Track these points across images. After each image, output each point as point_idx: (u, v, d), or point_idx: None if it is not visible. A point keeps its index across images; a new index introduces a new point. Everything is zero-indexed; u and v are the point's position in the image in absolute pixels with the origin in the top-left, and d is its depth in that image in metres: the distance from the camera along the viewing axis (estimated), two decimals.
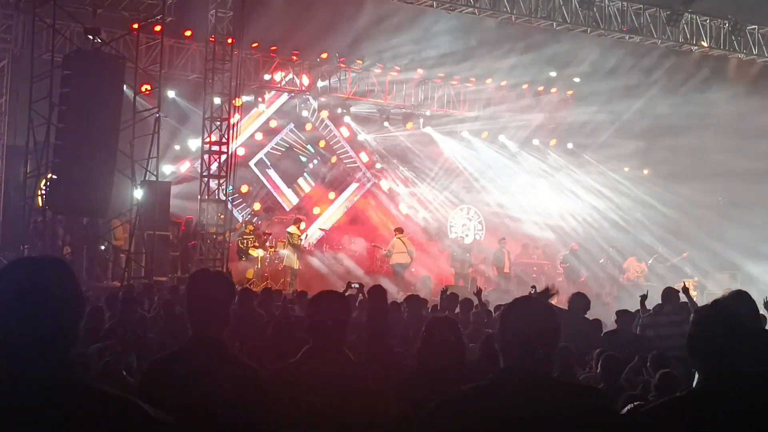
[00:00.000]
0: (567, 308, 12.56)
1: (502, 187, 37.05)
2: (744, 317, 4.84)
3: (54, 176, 22.05)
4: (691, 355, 4.59)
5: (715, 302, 5.28)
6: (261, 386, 4.99)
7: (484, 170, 37.10)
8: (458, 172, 37.01)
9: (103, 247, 24.50)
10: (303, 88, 32.72)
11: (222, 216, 25.87)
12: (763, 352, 5.68)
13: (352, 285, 15.96)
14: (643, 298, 14.41)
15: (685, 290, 14.05)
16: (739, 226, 32.92)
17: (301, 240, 27.86)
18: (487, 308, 15.57)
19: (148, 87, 25.40)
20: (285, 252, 27.21)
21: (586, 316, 12.66)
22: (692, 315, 4.83)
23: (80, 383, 3.38)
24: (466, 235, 35.66)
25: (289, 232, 27.49)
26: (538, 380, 4.18)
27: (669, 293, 13.55)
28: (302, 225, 28.87)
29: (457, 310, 15.51)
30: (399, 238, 29.24)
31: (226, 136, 25.76)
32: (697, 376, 4.56)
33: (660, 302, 13.49)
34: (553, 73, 34.22)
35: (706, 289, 30.56)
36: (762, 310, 11.14)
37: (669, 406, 4.59)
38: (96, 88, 22.08)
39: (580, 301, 12.72)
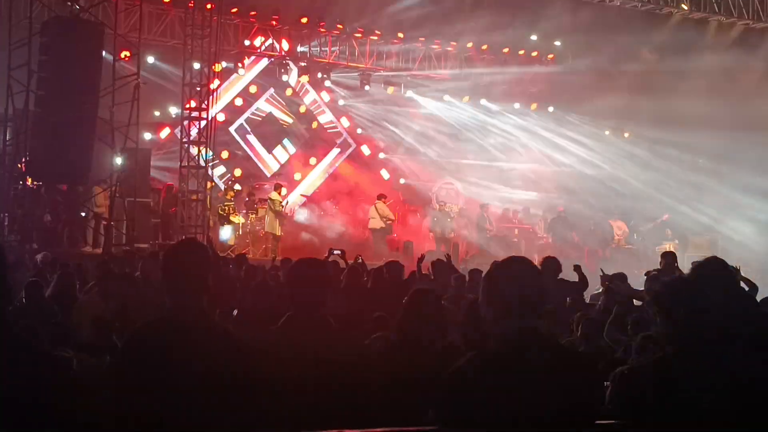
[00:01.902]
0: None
1: (484, 151, 37.00)
2: (717, 286, 4.96)
3: (33, 144, 21.94)
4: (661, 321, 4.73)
5: (679, 278, 5.42)
6: (243, 352, 4.98)
7: (466, 133, 37.05)
8: (440, 135, 36.91)
9: (83, 214, 24.39)
10: (283, 53, 32.57)
11: (212, 183, 25.81)
12: (738, 317, 5.76)
13: (334, 252, 15.98)
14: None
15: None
16: (720, 188, 33.03)
17: (282, 206, 27.80)
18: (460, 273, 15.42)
19: (128, 53, 25.28)
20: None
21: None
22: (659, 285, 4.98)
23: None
24: (446, 203, 35.45)
25: (270, 198, 27.44)
26: (546, 343, 4.37)
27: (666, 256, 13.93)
28: (283, 191, 28.80)
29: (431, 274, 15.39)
30: (376, 204, 29.27)
31: (205, 102, 25.66)
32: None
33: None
34: (533, 37, 34.12)
35: (686, 251, 30.68)
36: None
37: (647, 367, 4.69)
38: (75, 55, 21.95)
39: (552, 264, 13.05)
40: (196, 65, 25.77)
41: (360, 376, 5.44)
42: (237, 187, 30.64)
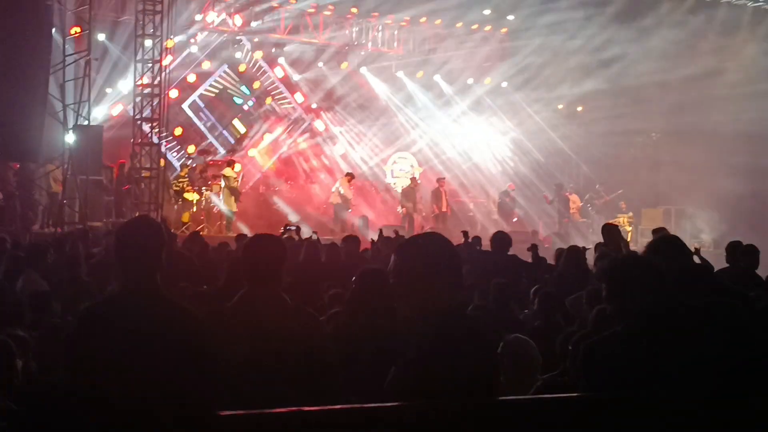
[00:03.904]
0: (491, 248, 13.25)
1: (438, 127, 36.99)
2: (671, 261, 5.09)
3: None
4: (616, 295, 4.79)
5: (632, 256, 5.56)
6: (197, 329, 4.97)
7: (420, 110, 37.03)
8: (394, 112, 36.86)
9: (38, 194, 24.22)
10: (236, 29, 32.30)
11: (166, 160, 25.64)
12: (694, 291, 5.88)
13: (289, 227, 15.96)
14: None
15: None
16: (673, 162, 33.27)
17: (237, 182, 27.68)
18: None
19: (78, 30, 24.96)
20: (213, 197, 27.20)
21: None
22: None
23: None
24: (414, 177, 35.40)
25: (224, 175, 27.30)
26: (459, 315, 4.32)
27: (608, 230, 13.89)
28: (237, 167, 28.68)
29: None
30: (339, 180, 29.61)
31: (158, 79, 25.39)
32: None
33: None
34: (486, 11, 34.09)
35: (640, 224, 30.94)
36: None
37: (607, 341, 4.73)
38: (24, 32, 21.66)
39: (502, 239, 13.19)
40: (148, 41, 25.42)
41: (316, 353, 5.42)
42: (190, 163, 30.44)
